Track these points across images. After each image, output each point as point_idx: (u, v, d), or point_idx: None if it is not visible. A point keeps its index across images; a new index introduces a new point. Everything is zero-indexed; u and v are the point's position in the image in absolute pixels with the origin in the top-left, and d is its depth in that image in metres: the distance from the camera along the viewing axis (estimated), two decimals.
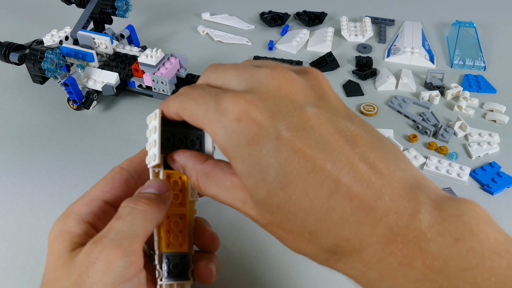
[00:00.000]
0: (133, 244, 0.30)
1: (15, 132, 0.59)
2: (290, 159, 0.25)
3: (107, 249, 0.29)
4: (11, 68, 0.69)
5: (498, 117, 0.61)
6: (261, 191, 0.26)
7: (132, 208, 0.31)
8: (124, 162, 0.36)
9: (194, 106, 0.29)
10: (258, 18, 0.84)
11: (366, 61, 0.72)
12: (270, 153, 0.25)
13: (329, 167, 0.25)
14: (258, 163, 0.26)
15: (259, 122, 0.26)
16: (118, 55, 0.63)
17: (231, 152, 0.27)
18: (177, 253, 0.34)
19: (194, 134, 0.35)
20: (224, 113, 0.26)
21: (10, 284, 0.42)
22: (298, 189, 0.25)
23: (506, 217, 0.49)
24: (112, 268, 0.28)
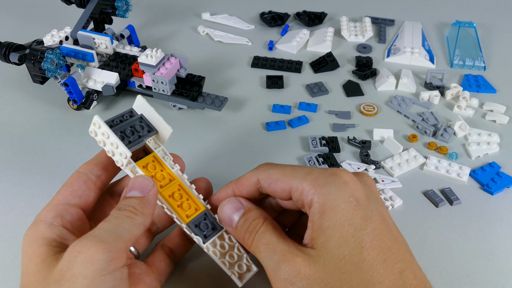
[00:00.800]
0: (116, 242, 0.31)
1: (15, 132, 0.59)
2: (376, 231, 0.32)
3: (89, 243, 0.30)
4: (11, 68, 0.69)
5: (498, 117, 0.61)
6: (349, 245, 0.31)
7: (119, 214, 0.33)
8: (80, 167, 0.38)
9: (291, 171, 0.35)
10: (258, 18, 0.84)
11: (366, 61, 0.72)
12: (366, 217, 0.32)
13: (404, 249, 0.33)
14: (354, 220, 0.31)
15: (360, 193, 0.33)
16: (118, 55, 0.63)
17: (331, 204, 0.32)
18: (197, 216, 0.38)
19: (135, 121, 0.39)
20: (334, 174, 0.33)
21: (10, 284, 0.42)
22: (380, 256, 0.31)
23: (505, 217, 0.49)
24: (93, 261, 0.29)
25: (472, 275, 0.43)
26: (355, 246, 0.30)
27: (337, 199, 0.32)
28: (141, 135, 0.38)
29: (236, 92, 0.66)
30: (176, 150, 0.57)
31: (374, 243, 0.31)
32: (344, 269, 0.30)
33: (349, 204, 0.31)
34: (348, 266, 0.30)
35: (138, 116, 0.39)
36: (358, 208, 0.31)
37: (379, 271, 0.30)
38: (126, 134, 0.38)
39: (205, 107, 0.61)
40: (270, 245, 0.33)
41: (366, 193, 0.33)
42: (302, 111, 0.63)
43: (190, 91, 0.61)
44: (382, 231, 0.32)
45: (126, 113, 0.39)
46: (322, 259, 0.31)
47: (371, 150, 0.57)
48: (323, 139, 0.57)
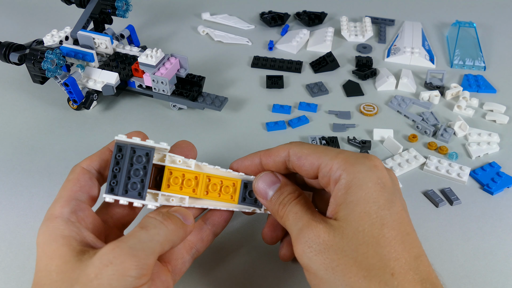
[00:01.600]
0: (148, 258, 0.30)
1: (15, 132, 0.59)
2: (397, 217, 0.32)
3: (123, 256, 0.29)
4: (11, 68, 0.69)
5: (498, 117, 0.61)
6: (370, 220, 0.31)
7: (160, 222, 0.33)
8: (83, 161, 0.37)
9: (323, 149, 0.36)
10: (258, 18, 0.84)
11: (366, 61, 0.72)
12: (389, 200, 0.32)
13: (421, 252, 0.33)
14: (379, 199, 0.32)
15: (387, 178, 0.34)
16: (118, 55, 0.63)
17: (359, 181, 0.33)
18: (239, 191, 0.39)
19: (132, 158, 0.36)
20: (365, 157, 0.34)
21: (10, 284, 0.42)
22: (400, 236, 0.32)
23: (506, 217, 0.49)
24: (124, 276, 0.29)
25: (472, 275, 0.43)
26: (376, 222, 0.31)
27: (365, 178, 0.32)
28: (145, 166, 0.37)
29: (236, 92, 0.66)
30: None
31: (395, 224, 0.32)
32: (362, 241, 0.31)
33: (376, 185, 0.32)
34: (367, 238, 0.31)
35: (129, 148, 0.36)
36: (384, 190, 0.32)
37: (397, 249, 0.31)
38: (136, 181, 0.36)
39: (205, 107, 0.61)
40: (298, 214, 0.34)
41: (392, 182, 0.34)
42: (302, 111, 0.63)
43: (190, 91, 0.61)
44: (403, 217, 0.32)
45: (116, 153, 0.36)
46: (342, 229, 0.32)
47: (371, 150, 0.57)
48: (323, 139, 0.57)
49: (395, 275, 0.30)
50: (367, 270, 0.30)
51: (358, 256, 0.31)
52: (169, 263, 0.38)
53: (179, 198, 0.38)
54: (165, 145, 0.37)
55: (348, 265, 0.30)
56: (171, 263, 0.38)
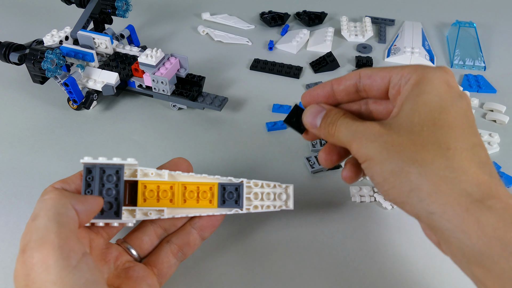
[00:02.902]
0: (60, 234, 0.29)
1: (15, 132, 0.59)
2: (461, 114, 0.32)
3: (34, 252, 0.29)
4: (11, 68, 0.69)
5: (498, 117, 0.61)
6: (430, 109, 0.32)
7: (41, 201, 0.32)
8: (57, 183, 0.36)
9: (390, 67, 0.36)
10: (258, 18, 0.84)
11: (366, 61, 0.72)
12: (454, 99, 0.32)
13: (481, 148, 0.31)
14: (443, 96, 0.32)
15: (455, 83, 0.34)
16: (118, 55, 0.63)
17: (427, 79, 0.33)
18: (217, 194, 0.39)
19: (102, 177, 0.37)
20: (432, 66, 0.34)
21: (10, 284, 0.42)
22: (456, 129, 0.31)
23: None
24: (49, 266, 0.28)
25: None
26: (436, 108, 0.31)
27: (433, 76, 0.33)
28: (117, 184, 0.36)
29: (236, 92, 0.66)
30: (176, 150, 0.57)
31: (456, 114, 0.31)
32: (417, 122, 0.31)
33: (443, 83, 0.32)
34: (422, 119, 0.31)
35: (98, 168, 0.37)
36: (451, 89, 0.32)
37: (455, 132, 0.31)
38: (110, 201, 0.36)
39: (205, 107, 0.61)
40: (349, 123, 0.35)
41: (461, 90, 0.34)
42: None
43: (190, 91, 0.61)
44: (466, 112, 0.32)
45: (86, 176, 0.37)
46: (398, 118, 0.32)
47: None
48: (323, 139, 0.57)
49: (451, 150, 0.30)
50: (422, 145, 0.30)
51: (412, 135, 0.31)
52: (154, 267, 0.38)
53: (157, 210, 0.38)
54: (133, 161, 0.37)
55: (402, 143, 0.31)
56: (156, 267, 0.38)
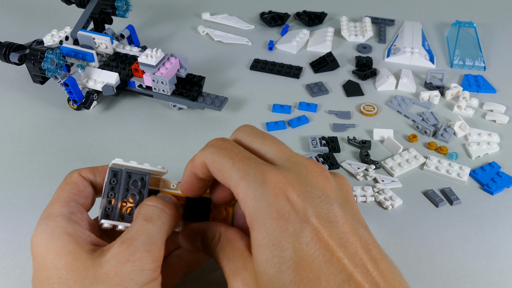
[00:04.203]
0: (160, 250, 0.32)
1: (15, 132, 0.59)
2: (311, 243, 0.27)
3: (139, 253, 0.30)
4: (11, 68, 0.69)
5: (498, 117, 0.61)
6: (273, 266, 0.28)
7: (162, 210, 0.33)
8: (82, 169, 0.37)
9: (229, 166, 0.31)
10: (258, 18, 0.84)
11: (366, 61, 0.72)
12: (295, 232, 0.27)
13: (345, 262, 0.27)
14: (280, 239, 0.28)
15: (293, 202, 0.28)
16: (118, 55, 0.63)
17: (258, 221, 0.29)
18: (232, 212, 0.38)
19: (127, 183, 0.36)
20: (264, 184, 0.29)
21: (10, 284, 0.42)
22: (312, 274, 0.27)
23: (505, 217, 0.49)
24: (143, 270, 0.30)
25: (472, 275, 0.43)
26: (280, 268, 0.27)
27: (264, 216, 0.28)
28: (141, 190, 0.36)
29: (236, 92, 0.66)
30: (177, 150, 0.57)
31: (303, 261, 0.27)
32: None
33: (276, 221, 0.28)
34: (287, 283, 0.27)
35: (125, 173, 0.35)
36: (287, 223, 0.28)
37: None
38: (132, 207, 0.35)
39: (205, 107, 0.61)
40: (221, 264, 0.33)
41: (306, 195, 0.29)
42: (302, 111, 0.63)
43: (190, 91, 0.61)
44: (317, 242, 0.27)
45: (110, 179, 0.35)
46: (255, 279, 0.29)
47: (371, 150, 0.57)
48: (323, 139, 0.57)
49: None
50: None
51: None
52: None
53: (166, 193, 0.37)
54: (160, 168, 0.36)
55: None
56: (162, 278, 0.38)
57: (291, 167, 0.30)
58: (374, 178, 0.53)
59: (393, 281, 0.28)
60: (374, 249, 0.29)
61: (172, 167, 0.43)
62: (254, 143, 0.33)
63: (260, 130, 0.34)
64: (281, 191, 0.29)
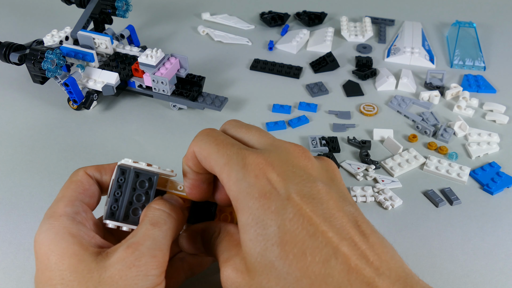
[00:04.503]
0: (165, 256, 0.32)
1: (15, 132, 0.59)
2: (294, 219, 0.27)
3: (145, 258, 0.31)
4: (11, 68, 0.69)
5: (498, 117, 0.61)
6: (259, 244, 0.28)
7: (168, 215, 0.33)
8: (88, 167, 0.37)
9: (215, 152, 0.31)
10: (258, 18, 0.84)
11: (366, 61, 0.72)
12: (277, 210, 0.28)
13: (331, 235, 0.27)
14: (263, 217, 0.28)
15: (273, 182, 0.29)
16: (118, 55, 0.63)
17: (242, 202, 0.29)
18: None
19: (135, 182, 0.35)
20: (245, 167, 0.29)
21: (10, 284, 0.42)
22: (297, 248, 0.27)
23: (505, 217, 0.49)
24: (148, 275, 0.30)
25: (472, 274, 0.43)
26: (265, 245, 0.28)
27: (246, 197, 0.29)
28: (148, 191, 0.35)
29: (236, 92, 0.66)
30: (177, 150, 0.57)
31: (287, 236, 0.27)
32: (260, 272, 0.28)
33: (258, 201, 0.28)
34: (262, 269, 0.28)
35: (133, 172, 0.35)
36: (269, 201, 0.28)
37: (297, 266, 0.27)
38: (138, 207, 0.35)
39: (205, 107, 0.61)
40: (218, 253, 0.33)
41: (287, 174, 0.29)
42: (302, 111, 0.63)
43: (190, 91, 0.61)
44: (300, 217, 0.28)
45: (118, 177, 0.35)
46: (244, 260, 0.30)
47: (371, 150, 0.57)
48: (323, 139, 0.57)
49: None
50: None
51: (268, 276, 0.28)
52: None
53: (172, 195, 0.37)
54: (169, 172, 0.36)
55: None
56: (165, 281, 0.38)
57: (272, 149, 0.31)
58: (374, 178, 0.53)
59: (384, 255, 0.27)
60: (363, 224, 0.29)
61: (172, 167, 0.43)
62: (239, 133, 0.34)
63: (245, 123, 0.35)
64: (261, 171, 0.29)
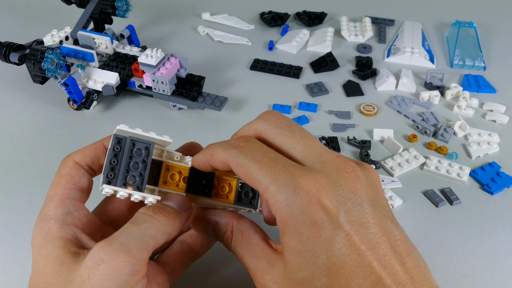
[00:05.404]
0: (142, 253, 0.29)
1: (15, 132, 0.59)
2: (343, 249, 0.28)
3: (115, 252, 0.28)
4: (11, 68, 0.69)
5: (498, 117, 0.61)
6: (306, 272, 0.28)
7: (150, 216, 0.32)
8: (75, 154, 0.36)
9: (256, 170, 0.30)
10: (258, 18, 0.84)
11: (366, 61, 0.72)
12: (328, 239, 0.28)
13: (375, 265, 0.28)
14: (313, 245, 0.28)
15: (326, 209, 0.28)
16: (118, 55, 0.63)
17: (291, 227, 0.29)
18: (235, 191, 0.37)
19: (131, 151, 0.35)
20: (296, 191, 0.29)
21: (10, 284, 0.42)
22: (344, 279, 0.28)
23: (505, 217, 0.49)
24: (116, 274, 0.28)
25: (472, 274, 0.43)
26: (312, 272, 0.28)
27: (297, 223, 0.28)
28: (145, 159, 0.35)
29: (236, 92, 0.66)
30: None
31: (335, 267, 0.28)
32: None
33: (309, 228, 0.28)
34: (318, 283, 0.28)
35: (129, 141, 0.35)
36: (320, 230, 0.28)
37: None
38: (135, 174, 0.35)
39: (205, 107, 0.61)
40: (244, 260, 0.33)
41: (339, 199, 0.29)
42: (302, 111, 0.63)
43: (190, 91, 0.61)
44: (349, 247, 0.28)
45: (114, 146, 0.35)
46: (287, 279, 0.30)
47: (371, 150, 0.57)
48: (323, 139, 0.57)
49: None
50: None
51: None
52: (166, 265, 0.37)
53: (174, 193, 0.38)
54: (167, 138, 0.36)
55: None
56: (169, 265, 0.37)
57: (321, 168, 0.30)
58: None
59: (418, 277, 0.29)
60: (402, 244, 0.29)
61: None
62: (280, 136, 0.32)
63: (287, 120, 0.33)
64: (314, 198, 0.28)
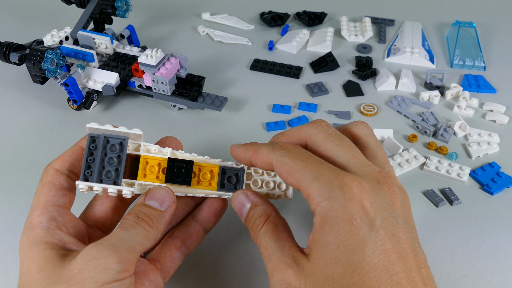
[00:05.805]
0: (129, 254, 0.32)
1: (15, 132, 0.59)
2: (377, 252, 0.29)
3: (105, 251, 0.31)
4: (11, 68, 0.69)
5: (498, 117, 0.61)
6: (340, 267, 0.29)
7: (136, 224, 0.34)
8: (55, 162, 0.37)
9: (301, 167, 0.32)
10: (258, 18, 0.84)
11: (366, 61, 0.72)
12: (365, 239, 0.29)
13: (401, 276, 0.29)
14: (350, 241, 0.29)
15: (366, 209, 0.30)
16: (118, 55, 0.63)
17: (331, 221, 0.30)
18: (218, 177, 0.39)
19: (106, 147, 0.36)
20: (340, 187, 0.30)
21: (10, 284, 0.42)
22: (374, 281, 0.29)
23: (505, 217, 0.49)
24: (106, 269, 0.30)
25: (472, 275, 0.43)
26: (346, 269, 0.29)
27: (337, 217, 0.30)
28: (119, 154, 0.36)
29: (236, 92, 0.66)
30: None
31: (368, 268, 0.29)
32: (339, 280, 0.29)
33: (349, 224, 0.30)
34: (342, 279, 0.29)
35: (103, 138, 0.36)
36: (359, 228, 0.29)
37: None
38: (111, 170, 0.36)
39: (205, 107, 0.61)
40: (268, 250, 0.33)
41: (377, 205, 0.30)
42: (302, 111, 0.63)
43: (190, 91, 0.61)
44: (382, 252, 0.29)
45: (90, 144, 0.36)
46: (313, 276, 0.30)
47: None
48: None
49: None
50: None
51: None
52: (157, 261, 0.38)
53: (156, 187, 0.38)
54: (138, 131, 0.37)
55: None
56: (159, 261, 0.38)
57: (363, 176, 0.32)
58: None
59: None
60: (425, 268, 0.31)
61: None
62: (328, 143, 0.34)
63: (336, 130, 0.35)
64: (356, 196, 0.30)
